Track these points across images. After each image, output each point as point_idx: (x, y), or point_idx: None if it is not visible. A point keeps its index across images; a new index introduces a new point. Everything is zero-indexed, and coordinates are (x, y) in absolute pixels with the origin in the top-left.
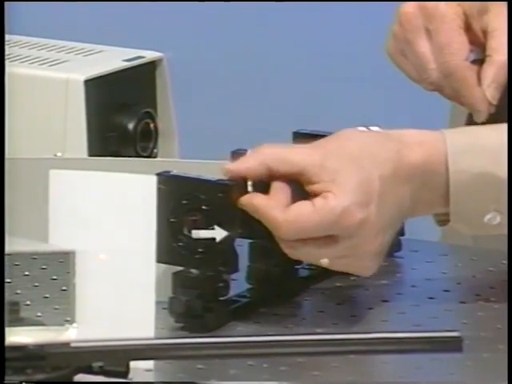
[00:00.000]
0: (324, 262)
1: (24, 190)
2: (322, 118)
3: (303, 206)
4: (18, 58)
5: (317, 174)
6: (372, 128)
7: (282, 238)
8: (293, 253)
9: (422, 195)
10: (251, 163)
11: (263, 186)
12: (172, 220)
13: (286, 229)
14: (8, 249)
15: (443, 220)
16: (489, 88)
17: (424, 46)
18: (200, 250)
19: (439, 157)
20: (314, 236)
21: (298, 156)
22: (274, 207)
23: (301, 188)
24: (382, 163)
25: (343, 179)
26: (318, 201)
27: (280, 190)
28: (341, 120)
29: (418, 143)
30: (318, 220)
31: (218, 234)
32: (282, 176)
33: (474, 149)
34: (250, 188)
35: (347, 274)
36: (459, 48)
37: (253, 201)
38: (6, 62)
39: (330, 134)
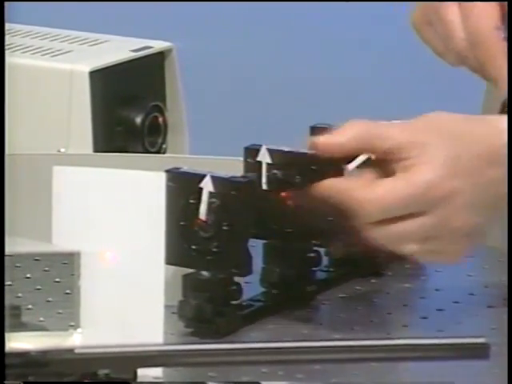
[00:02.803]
0: (411, 248)
1: (26, 188)
2: (336, 113)
3: (386, 182)
4: (19, 48)
5: (406, 150)
6: (394, 122)
7: (366, 219)
8: (377, 235)
9: None
10: (344, 138)
11: (278, 183)
12: (182, 219)
13: (369, 208)
14: (9, 249)
15: None
16: None
17: (453, 14)
18: (211, 250)
19: None
20: (399, 214)
21: (391, 131)
22: (355, 188)
23: (386, 169)
24: (472, 143)
25: (431, 153)
26: (402, 176)
27: (364, 172)
28: (357, 115)
29: None
30: (402, 195)
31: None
32: (372, 151)
33: None
34: (264, 186)
35: (368, 277)
36: (490, 14)
37: (333, 183)
38: (7, 53)
39: None
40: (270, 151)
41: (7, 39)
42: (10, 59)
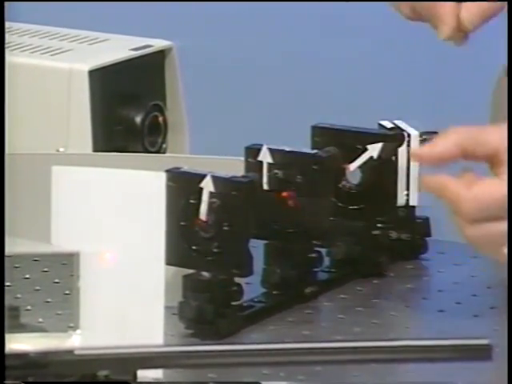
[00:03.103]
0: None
1: (25, 188)
2: (336, 112)
3: (485, 182)
4: (18, 46)
5: (506, 154)
6: (396, 122)
7: (463, 216)
8: (474, 234)
9: None
10: (446, 146)
11: (279, 183)
12: (182, 219)
13: (466, 205)
14: (8, 250)
15: None
16: (468, 12)
17: None
18: (212, 251)
19: None
20: (497, 214)
21: (492, 136)
22: (458, 185)
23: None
24: None
25: None
26: (502, 177)
27: (467, 170)
28: (357, 115)
29: None
30: (500, 194)
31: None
32: (474, 157)
33: None
34: (265, 186)
35: (369, 278)
36: None
37: (438, 179)
38: (6, 51)
39: (349, 128)
40: (271, 151)
41: (7, 38)
42: (8, 58)
